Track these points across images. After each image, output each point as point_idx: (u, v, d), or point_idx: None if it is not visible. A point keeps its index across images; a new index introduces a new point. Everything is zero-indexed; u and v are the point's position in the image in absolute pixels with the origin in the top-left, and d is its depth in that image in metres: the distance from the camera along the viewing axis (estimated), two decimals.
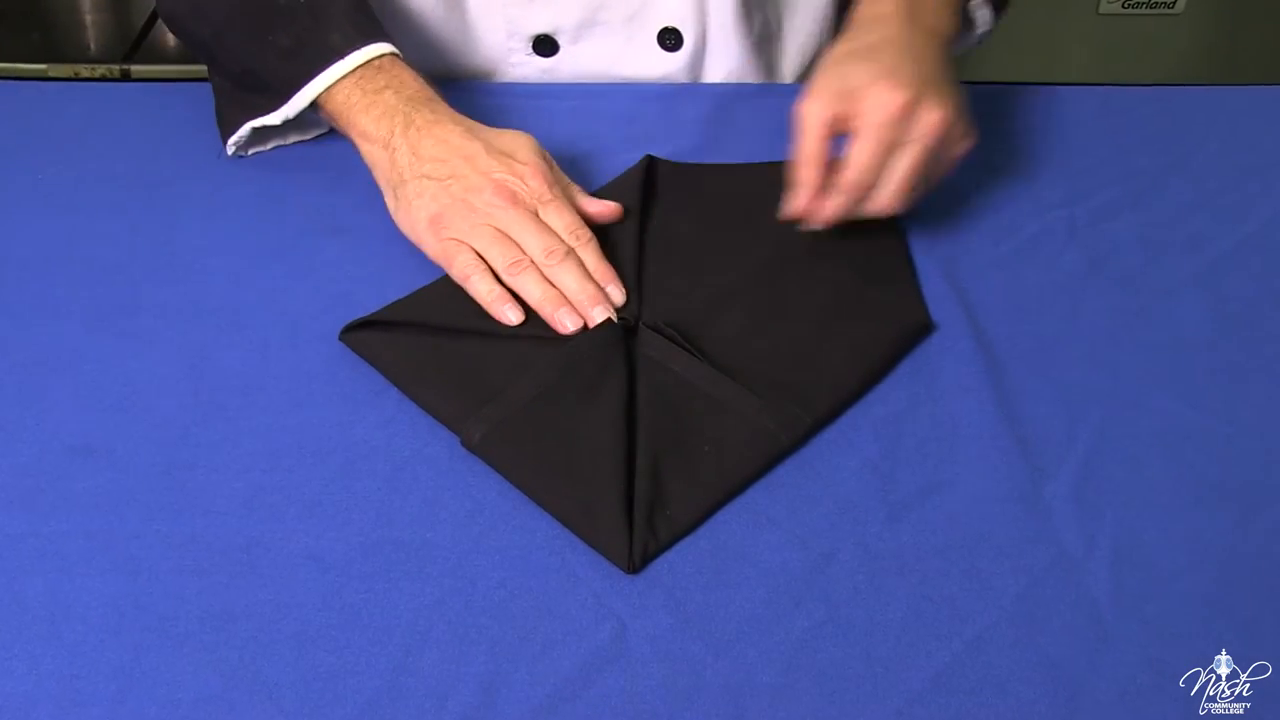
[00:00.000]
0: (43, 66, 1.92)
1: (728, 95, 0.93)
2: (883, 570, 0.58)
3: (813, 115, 0.70)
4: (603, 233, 0.75)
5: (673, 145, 0.86)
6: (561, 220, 0.71)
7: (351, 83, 0.77)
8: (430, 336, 0.68)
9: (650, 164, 0.81)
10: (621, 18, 0.92)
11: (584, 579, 0.58)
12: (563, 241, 0.70)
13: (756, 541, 0.59)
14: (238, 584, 0.57)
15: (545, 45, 0.94)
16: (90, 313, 0.72)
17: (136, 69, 1.95)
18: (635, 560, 0.58)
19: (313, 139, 0.86)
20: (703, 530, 0.60)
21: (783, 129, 0.87)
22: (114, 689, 0.53)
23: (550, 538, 0.59)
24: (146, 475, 0.62)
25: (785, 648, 0.55)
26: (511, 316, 0.68)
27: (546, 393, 0.64)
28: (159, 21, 2.00)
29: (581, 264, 0.70)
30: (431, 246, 0.72)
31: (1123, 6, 1.95)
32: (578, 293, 0.69)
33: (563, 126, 0.88)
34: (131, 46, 1.99)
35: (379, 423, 0.65)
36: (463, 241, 0.70)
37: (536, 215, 0.71)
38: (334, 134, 0.87)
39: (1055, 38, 1.90)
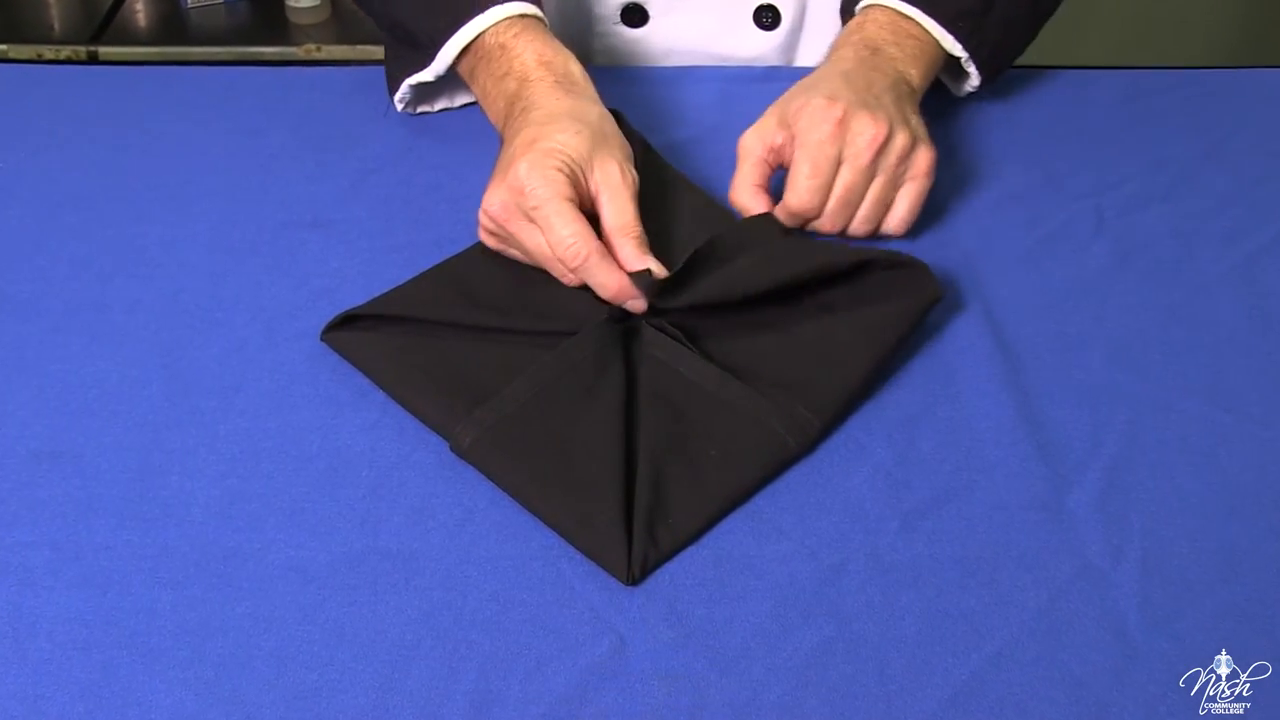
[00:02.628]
0: (3, 47, 1.92)
1: (729, 80, 0.93)
2: (896, 583, 0.59)
3: (746, 145, 0.76)
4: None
5: (671, 133, 0.86)
6: (554, 235, 0.68)
7: (484, 47, 0.79)
8: (417, 336, 0.69)
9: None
10: None
11: (580, 591, 0.58)
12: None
13: (763, 552, 0.60)
14: (214, 597, 0.58)
15: (635, 15, 0.95)
16: (56, 310, 0.73)
17: (104, 50, 1.95)
18: (635, 571, 0.58)
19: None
20: (706, 540, 0.61)
21: None
22: (81, 709, 0.53)
23: (545, 548, 0.60)
24: (116, 482, 0.63)
25: (793, 664, 0.55)
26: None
27: (542, 395, 0.64)
28: (128, 0, 2.01)
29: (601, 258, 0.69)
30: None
31: None
32: (610, 293, 0.68)
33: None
34: (99, 27, 2.00)
35: (363, 426, 0.66)
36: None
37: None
38: (309, 121, 0.88)
39: (1080, 16, 1.90)
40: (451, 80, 0.85)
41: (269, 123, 0.87)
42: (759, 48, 0.96)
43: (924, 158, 0.74)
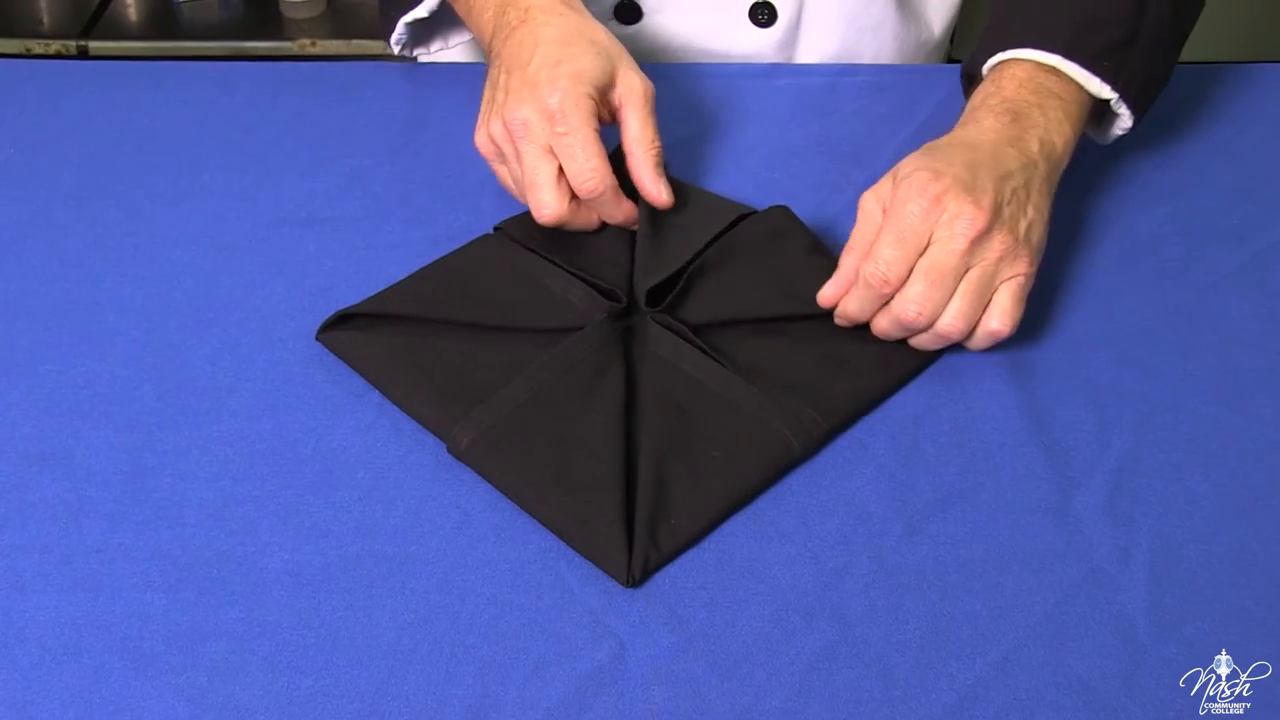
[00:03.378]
0: None
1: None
2: (900, 586, 0.59)
3: (866, 208, 0.68)
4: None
5: (671, 131, 0.86)
6: (573, 165, 0.71)
7: None
8: (414, 335, 0.69)
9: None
10: None
11: (579, 595, 0.58)
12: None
13: (765, 555, 0.60)
14: (207, 601, 0.58)
15: (628, 11, 0.95)
16: (47, 310, 0.72)
17: (95, 45, 1.95)
18: (635, 574, 0.58)
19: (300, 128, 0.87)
20: (708, 542, 0.61)
21: (788, 115, 0.88)
22: (71, 716, 0.53)
23: (543, 550, 0.60)
24: (107, 484, 0.63)
25: (795, 669, 0.55)
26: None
27: (541, 395, 0.64)
28: None
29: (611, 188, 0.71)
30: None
31: None
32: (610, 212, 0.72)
33: None
34: (89, 21, 2.00)
35: (359, 427, 0.66)
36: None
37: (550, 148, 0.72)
38: (309, 118, 0.88)
39: None
40: (447, 19, 0.87)
41: (262, 119, 0.87)
42: (755, 45, 0.96)
43: (1023, 262, 0.66)
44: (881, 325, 0.67)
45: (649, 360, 0.67)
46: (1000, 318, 0.66)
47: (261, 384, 0.68)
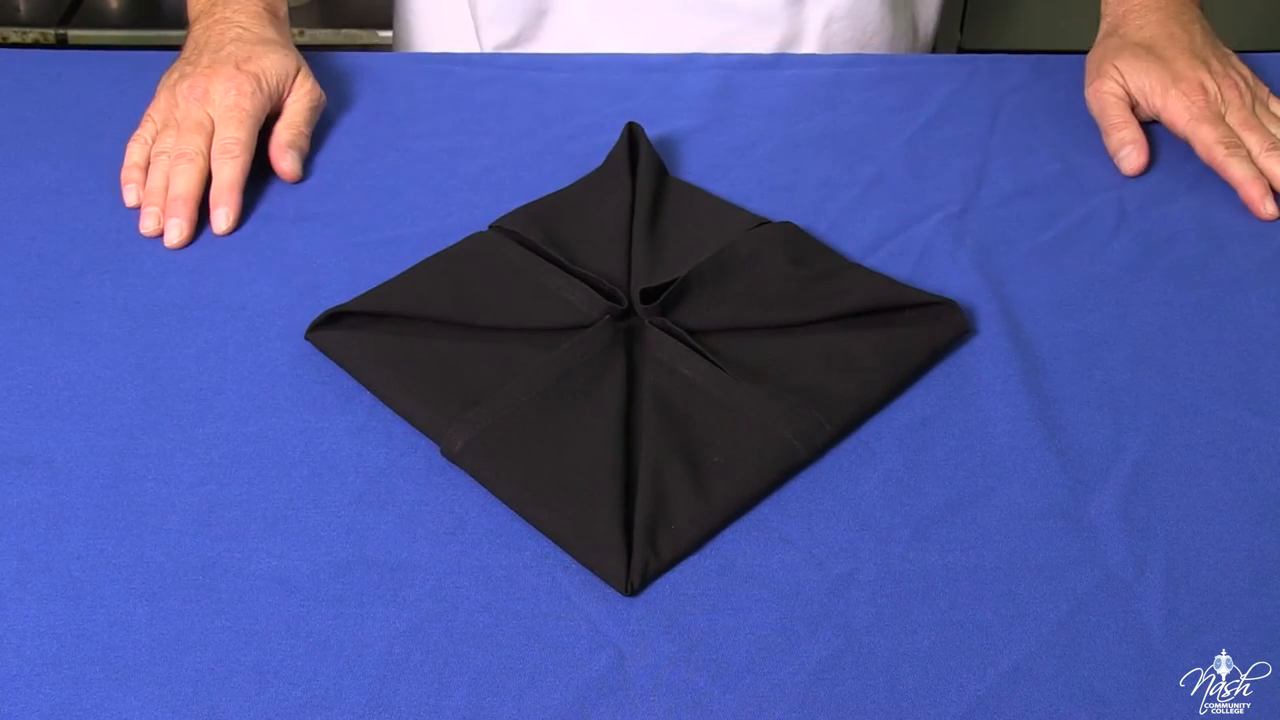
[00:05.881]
0: None
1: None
2: (908, 594, 0.59)
3: (1104, 94, 0.87)
4: (594, 221, 0.76)
5: (671, 124, 0.86)
6: (225, 131, 0.80)
7: None
8: (406, 334, 0.69)
9: (633, 135, 0.81)
10: None
11: (577, 603, 0.58)
12: (202, 148, 0.79)
13: (768, 561, 0.60)
14: (192, 610, 0.58)
15: None
16: (26, 308, 0.73)
17: (74, 34, 1.96)
18: (634, 582, 0.58)
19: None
20: (708, 549, 0.61)
21: (792, 107, 0.88)
22: None
23: (540, 557, 0.60)
24: (89, 488, 0.63)
25: (800, 680, 0.56)
26: (128, 197, 0.80)
27: (538, 398, 0.65)
28: None
29: (203, 173, 0.79)
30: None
31: None
32: (175, 198, 0.77)
33: (552, 103, 0.89)
34: (68, 9, 2.00)
35: (349, 430, 0.66)
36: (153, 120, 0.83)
37: (208, 120, 0.81)
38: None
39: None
40: None
41: None
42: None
43: (1246, 76, 0.87)
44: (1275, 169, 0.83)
45: (648, 364, 0.67)
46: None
47: (248, 385, 0.68)
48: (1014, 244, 0.78)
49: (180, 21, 1.98)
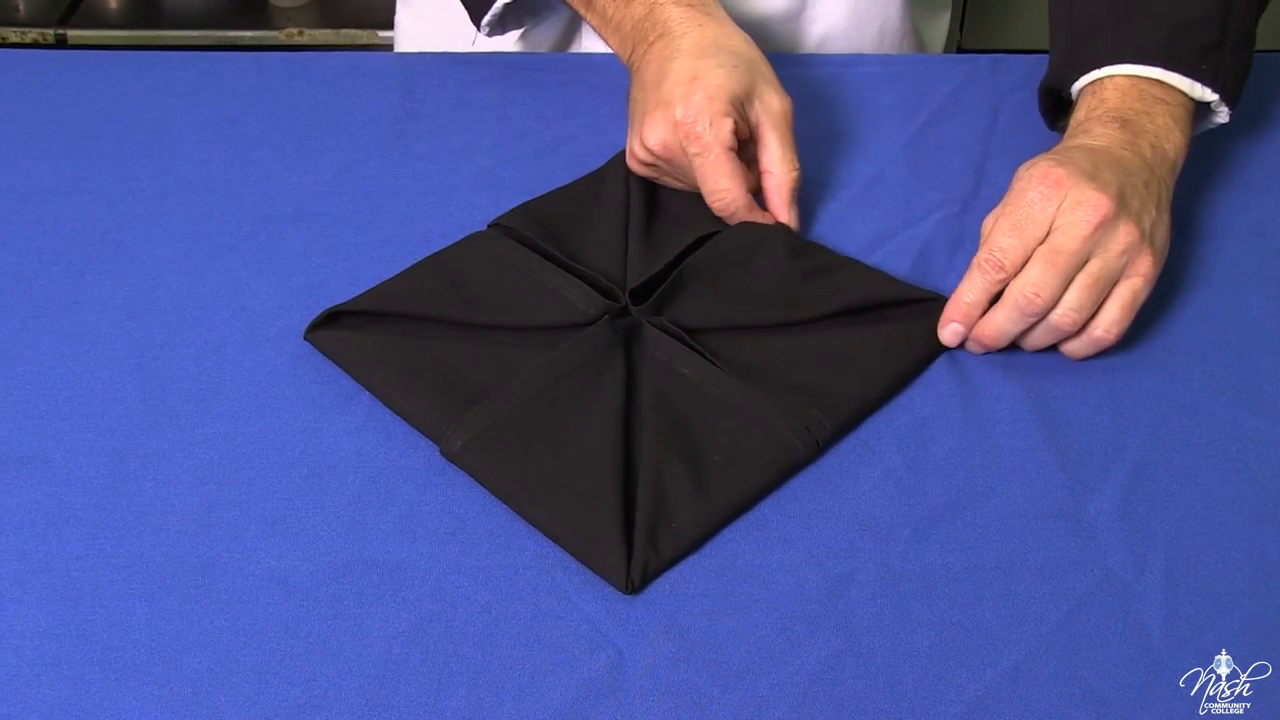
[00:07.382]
0: None
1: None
2: (908, 594, 0.59)
3: (986, 228, 0.69)
4: (593, 219, 0.76)
5: None
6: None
7: None
8: (406, 334, 0.69)
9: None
10: None
11: (577, 602, 0.58)
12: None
13: (768, 561, 0.60)
14: (191, 610, 0.58)
15: None
16: (25, 308, 0.73)
17: (74, 34, 1.96)
18: (634, 581, 0.58)
19: (289, 123, 0.87)
20: (708, 549, 0.61)
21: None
22: None
23: (539, 556, 0.60)
24: (88, 489, 0.63)
25: (800, 680, 0.56)
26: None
27: (538, 397, 0.65)
28: None
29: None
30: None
31: None
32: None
33: (551, 102, 0.89)
34: (67, 9, 2.00)
35: (349, 430, 0.66)
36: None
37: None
38: (296, 110, 0.88)
39: None
40: (533, 8, 0.89)
41: (248, 111, 0.88)
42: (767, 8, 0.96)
43: (1146, 261, 0.67)
44: (996, 317, 0.67)
45: (647, 363, 0.67)
46: (1107, 326, 0.67)
47: (247, 385, 0.68)
48: None
49: (178, 22, 1.98)
